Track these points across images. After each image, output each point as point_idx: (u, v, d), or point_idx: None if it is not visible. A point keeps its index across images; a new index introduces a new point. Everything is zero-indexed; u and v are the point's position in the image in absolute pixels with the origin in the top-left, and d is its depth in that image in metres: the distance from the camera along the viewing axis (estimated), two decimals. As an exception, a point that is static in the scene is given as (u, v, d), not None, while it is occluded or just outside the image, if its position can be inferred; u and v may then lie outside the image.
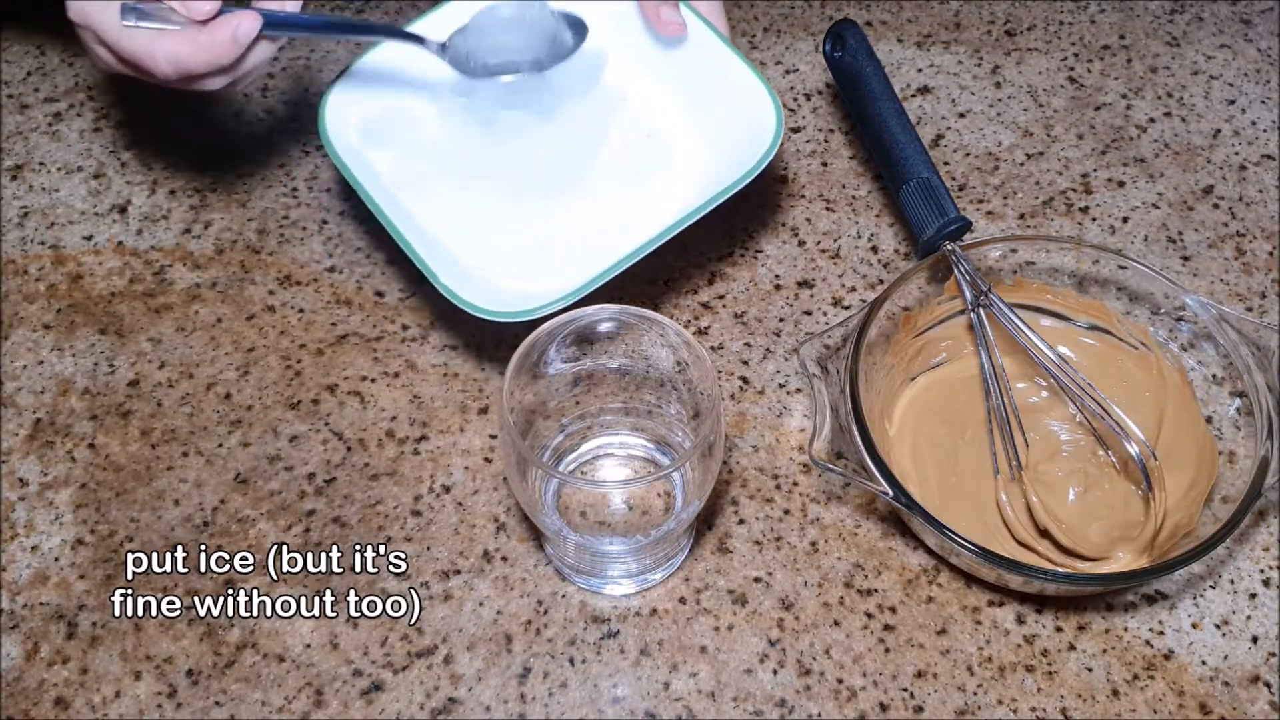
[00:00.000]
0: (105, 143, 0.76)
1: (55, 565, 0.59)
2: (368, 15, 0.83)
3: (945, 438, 0.62)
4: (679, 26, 0.65)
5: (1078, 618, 0.57)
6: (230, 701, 0.55)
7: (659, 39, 0.67)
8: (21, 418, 0.64)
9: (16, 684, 0.55)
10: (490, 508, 0.61)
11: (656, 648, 0.56)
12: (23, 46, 0.81)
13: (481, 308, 0.58)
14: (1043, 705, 0.55)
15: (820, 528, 0.60)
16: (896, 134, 0.67)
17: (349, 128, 0.65)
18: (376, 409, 0.64)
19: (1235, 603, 0.58)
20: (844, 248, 0.71)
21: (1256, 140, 0.77)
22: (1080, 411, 0.62)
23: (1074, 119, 0.78)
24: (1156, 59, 0.82)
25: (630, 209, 0.66)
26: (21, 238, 0.71)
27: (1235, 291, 0.69)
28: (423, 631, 0.57)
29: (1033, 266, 0.64)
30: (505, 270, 0.63)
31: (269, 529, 0.60)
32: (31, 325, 0.68)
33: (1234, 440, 0.59)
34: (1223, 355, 0.60)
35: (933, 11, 0.84)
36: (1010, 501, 0.59)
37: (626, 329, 0.56)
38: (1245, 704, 0.55)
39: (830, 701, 0.55)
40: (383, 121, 0.67)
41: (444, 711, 0.55)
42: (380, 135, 0.66)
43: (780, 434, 0.64)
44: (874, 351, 0.60)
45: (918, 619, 0.57)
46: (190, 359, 0.66)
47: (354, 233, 0.71)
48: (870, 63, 0.68)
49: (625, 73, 0.70)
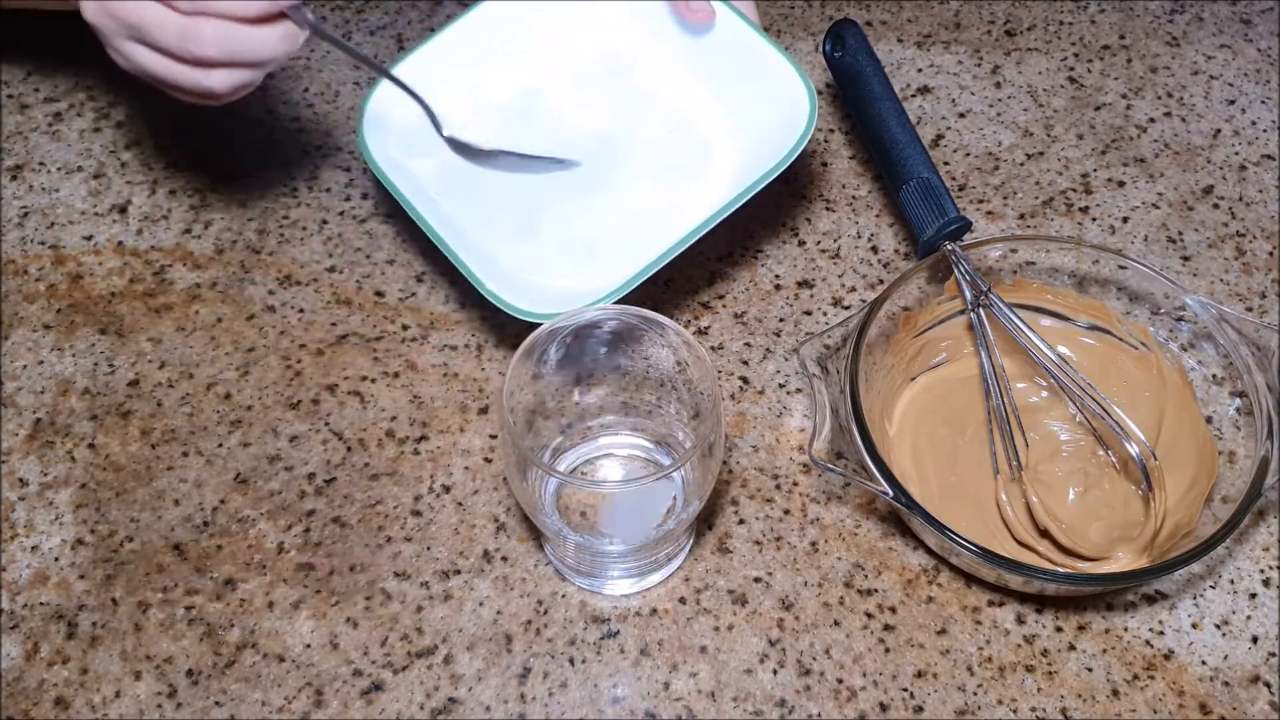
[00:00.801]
0: (105, 143, 0.76)
1: (55, 565, 0.59)
2: (366, 16, 0.83)
3: (945, 438, 0.62)
4: (708, 14, 0.65)
5: (1078, 618, 0.57)
6: (230, 701, 0.55)
7: (688, 27, 0.68)
8: (21, 418, 0.64)
9: (16, 684, 0.55)
10: (490, 508, 0.61)
11: (656, 648, 0.56)
12: (23, 46, 0.81)
13: (526, 310, 0.59)
14: (1043, 705, 0.55)
15: (820, 528, 0.60)
16: (896, 134, 0.67)
17: (389, 136, 0.66)
18: (376, 409, 0.64)
19: (1235, 603, 0.58)
20: (844, 248, 0.71)
21: (1256, 140, 0.77)
22: (1080, 411, 0.62)
23: (1074, 119, 0.78)
24: (1156, 59, 0.82)
25: (667, 203, 0.66)
26: (21, 238, 0.71)
27: (1235, 291, 0.69)
28: (423, 631, 0.57)
29: (1033, 266, 0.64)
30: (547, 270, 0.64)
31: (269, 529, 0.60)
32: (31, 325, 0.68)
33: (1234, 440, 0.59)
34: (1223, 355, 0.60)
35: (933, 11, 0.84)
36: (1010, 501, 0.59)
37: (626, 329, 0.56)
38: (1245, 704, 0.55)
39: (830, 701, 0.55)
40: (419, 129, 0.67)
41: (444, 711, 0.55)
42: (418, 142, 0.67)
43: (780, 434, 0.64)
44: (874, 351, 0.60)
45: (918, 619, 0.57)
46: (190, 359, 0.66)
47: (354, 233, 0.71)
48: (870, 63, 0.68)
49: (655, 64, 0.70)
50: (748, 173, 0.62)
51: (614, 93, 0.70)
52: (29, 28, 0.81)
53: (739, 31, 0.65)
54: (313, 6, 0.84)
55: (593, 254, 0.65)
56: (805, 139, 0.61)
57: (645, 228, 0.64)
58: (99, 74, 0.79)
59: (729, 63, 0.67)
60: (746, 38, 0.65)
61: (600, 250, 0.65)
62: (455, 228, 0.64)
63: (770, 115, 0.64)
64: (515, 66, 0.70)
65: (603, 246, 0.65)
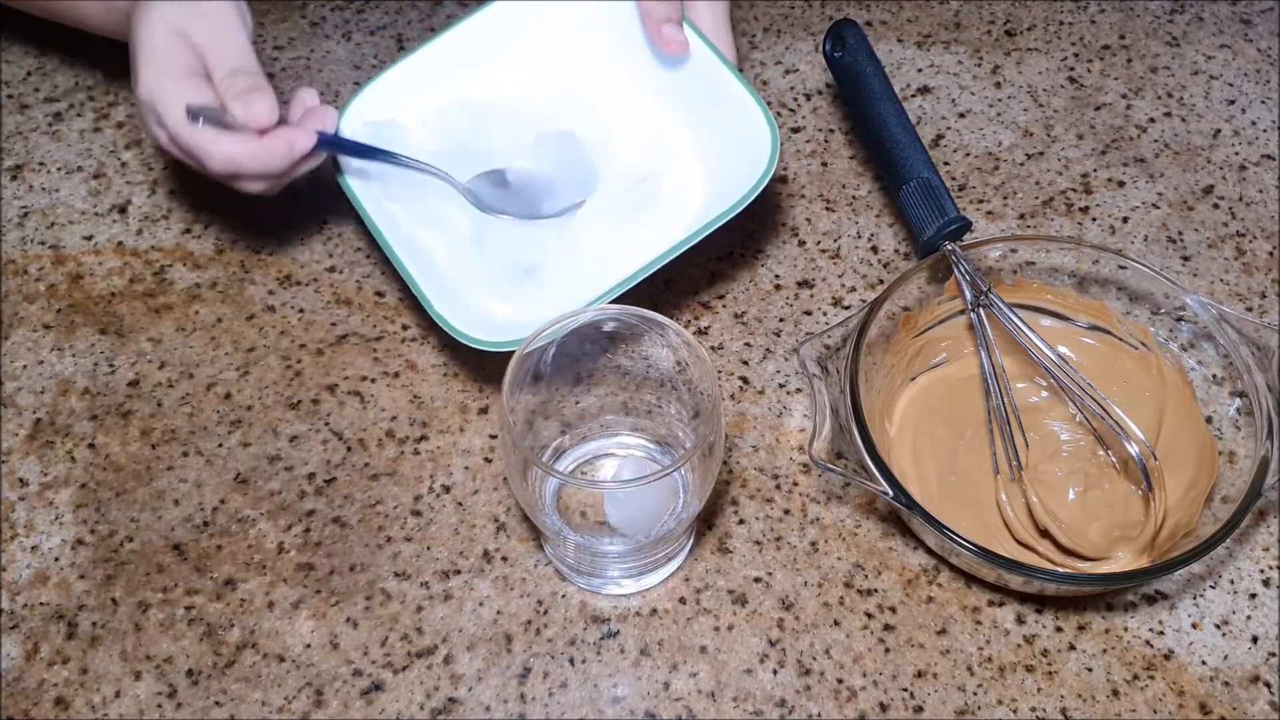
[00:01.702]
0: (105, 143, 0.76)
1: (55, 565, 0.59)
2: (366, 15, 0.83)
3: (945, 438, 0.62)
4: (681, 45, 0.65)
5: (1078, 618, 0.57)
6: (230, 701, 0.55)
7: (661, 57, 0.67)
8: (21, 418, 0.64)
9: (16, 684, 0.55)
10: (490, 508, 0.61)
11: (656, 648, 0.56)
12: (23, 46, 0.81)
13: (471, 336, 0.58)
14: (1043, 705, 0.55)
15: (820, 528, 0.60)
16: (896, 134, 0.67)
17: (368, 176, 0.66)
18: (376, 409, 0.64)
19: (1235, 603, 0.58)
20: (844, 248, 0.71)
21: (1256, 140, 0.77)
22: (1080, 411, 0.62)
23: (1074, 119, 0.78)
24: (1156, 59, 0.82)
25: (625, 238, 0.65)
26: (21, 238, 0.71)
27: (1235, 291, 0.69)
28: (423, 631, 0.57)
29: (1033, 266, 0.64)
30: (496, 295, 0.63)
31: (269, 529, 0.60)
32: (31, 325, 0.68)
33: (1234, 440, 0.59)
34: (1223, 355, 0.60)
35: (933, 11, 0.84)
36: (1010, 501, 0.59)
37: (627, 329, 0.56)
38: (1245, 704, 0.55)
39: (830, 701, 0.55)
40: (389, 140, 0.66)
41: (444, 711, 0.55)
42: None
43: (780, 434, 0.64)
44: (874, 351, 0.60)
45: (918, 619, 0.57)
46: (190, 359, 0.66)
47: (354, 233, 0.71)
48: (870, 63, 0.68)
49: (626, 94, 0.69)
50: (706, 210, 0.62)
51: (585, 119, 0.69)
52: (29, 28, 0.81)
53: (709, 65, 0.65)
54: (312, 7, 0.84)
55: (544, 284, 0.64)
56: (765, 179, 0.60)
57: (600, 260, 0.63)
58: (99, 74, 0.79)
59: (698, 95, 0.66)
60: (716, 72, 0.64)
61: (551, 281, 0.64)
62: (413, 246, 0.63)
63: (733, 152, 0.63)
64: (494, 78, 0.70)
65: (555, 277, 0.64)
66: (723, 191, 0.62)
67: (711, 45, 0.65)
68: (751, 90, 0.63)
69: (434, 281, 0.61)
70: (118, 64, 0.80)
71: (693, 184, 0.66)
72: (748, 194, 0.60)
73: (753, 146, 0.62)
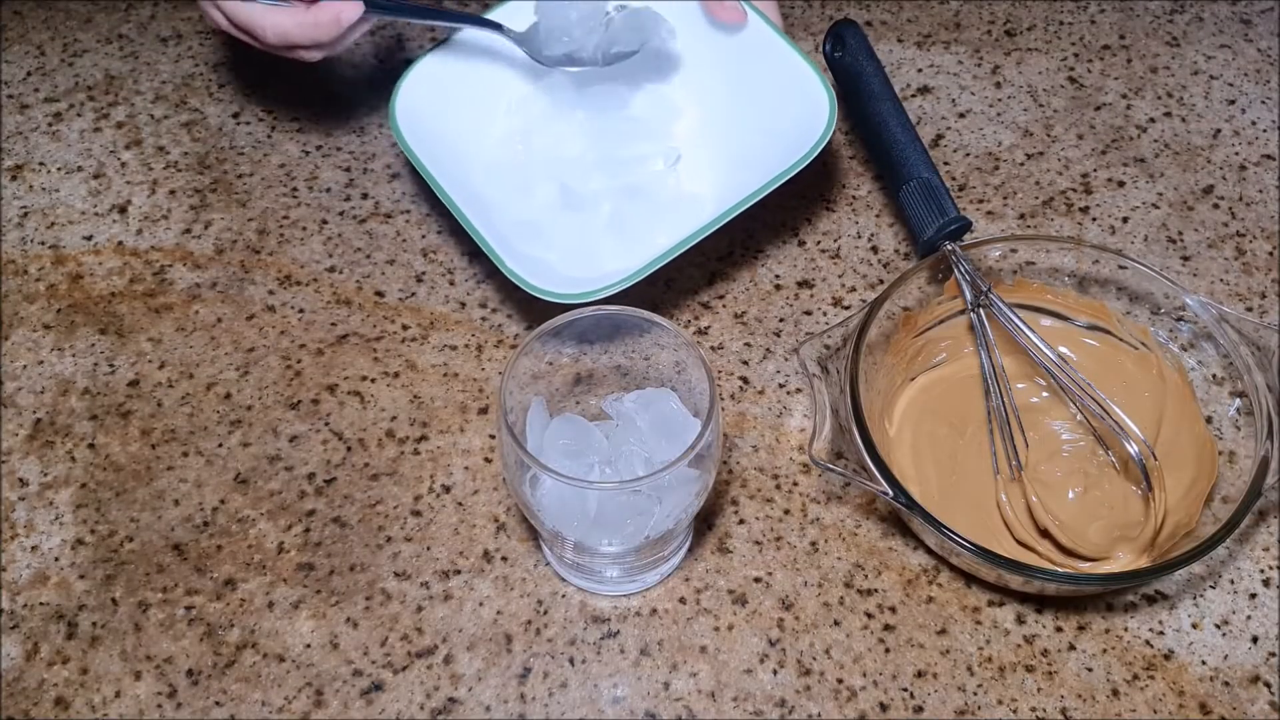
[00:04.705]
0: (105, 143, 0.76)
1: (55, 565, 0.59)
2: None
3: (945, 438, 0.62)
4: (739, 13, 0.67)
5: (1078, 618, 0.57)
6: (230, 701, 0.55)
7: (717, 28, 0.69)
8: (21, 418, 0.64)
9: (16, 684, 0.55)
10: (490, 508, 0.61)
11: (656, 648, 0.56)
12: (23, 46, 0.81)
13: (544, 289, 0.60)
14: (1043, 705, 0.55)
15: (820, 528, 0.60)
16: (896, 134, 0.67)
17: (419, 118, 0.68)
18: (376, 409, 0.64)
19: (1235, 603, 0.58)
20: (844, 248, 0.71)
21: (1256, 140, 0.77)
22: (1080, 411, 0.62)
23: (1074, 119, 0.78)
24: (1156, 59, 0.82)
25: (685, 195, 0.69)
26: (21, 238, 0.71)
27: (1235, 291, 0.69)
28: (423, 631, 0.57)
29: (1033, 266, 0.64)
30: (565, 257, 0.66)
31: (269, 529, 0.60)
32: (31, 325, 0.68)
33: (1234, 440, 0.59)
34: (1223, 355, 0.60)
35: (933, 11, 0.84)
36: (1010, 501, 0.59)
37: (626, 329, 0.56)
38: (1245, 704, 0.55)
39: (830, 701, 0.55)
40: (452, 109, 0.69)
41: (444, 711, 0.55)
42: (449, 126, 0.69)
43: (780, 434, 0.64)
44: (874, 351, 0.60)
45: (918, 619, 0.57)
46: (190, 359, 0.66)
47: (354, 233, 0.71)
48: (870, 63, 0.68)
49: (683, 63, 0.72)
50: (762, 173, 0.63)
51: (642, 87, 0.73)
52: (30, 27, 0.82)
53: (764, 36, 0.68)
54: None
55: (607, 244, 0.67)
56: (824, 140, 0.63)
57: (663, 219, 0.67)
58: (99, 74, 0.80)
59: (753, 65, 0.68)
60: (772, 42, 0.67)
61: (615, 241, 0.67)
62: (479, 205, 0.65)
63: (789, 117, 0.66)
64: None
65: (616, 237, 0.67)
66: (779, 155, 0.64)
67: (764, 16, 0.68)
68: (807, 58, 0.66)
69: (495, 233, 0.63)
70: (118, 64, 0.80)
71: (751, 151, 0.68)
72: (811, 149, 0.63)
73: (810, 109, 0.65)
